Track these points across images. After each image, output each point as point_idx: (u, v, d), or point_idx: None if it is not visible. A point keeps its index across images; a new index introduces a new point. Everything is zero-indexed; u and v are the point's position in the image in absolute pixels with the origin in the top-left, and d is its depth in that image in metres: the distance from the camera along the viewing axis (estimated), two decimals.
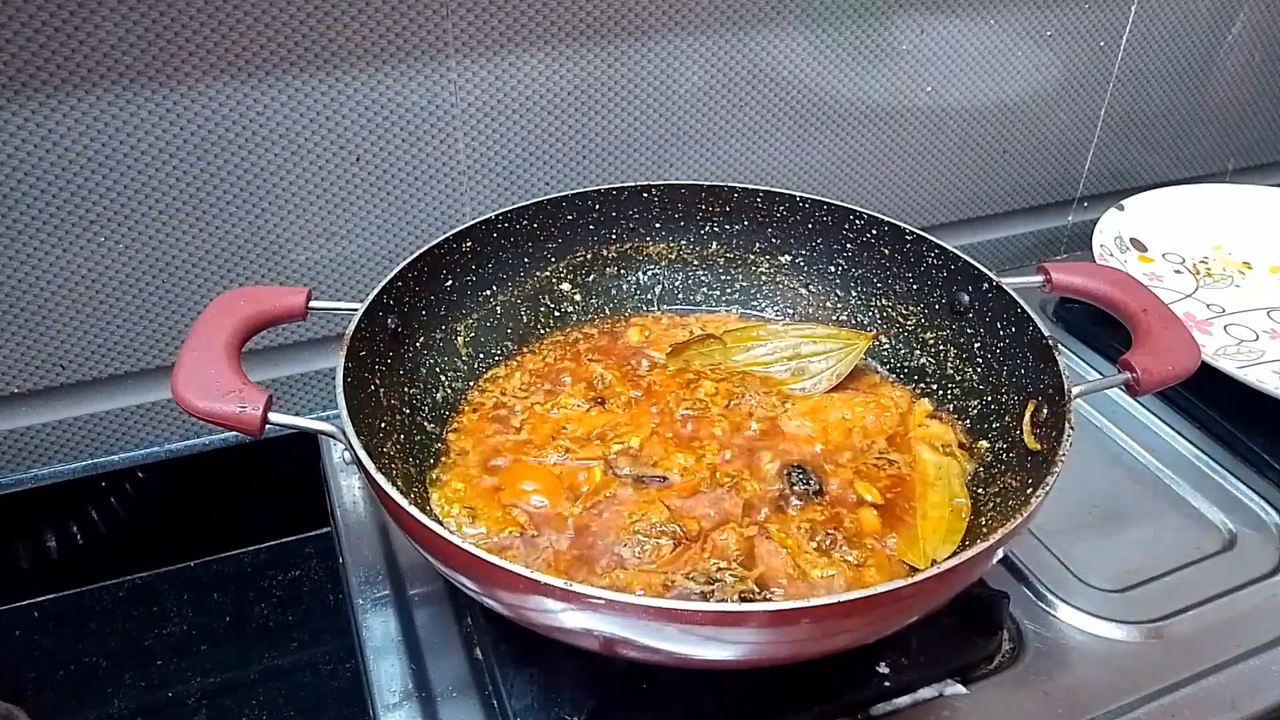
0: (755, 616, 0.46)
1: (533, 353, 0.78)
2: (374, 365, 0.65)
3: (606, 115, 0.84)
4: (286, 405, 0.86)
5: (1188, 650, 0.64)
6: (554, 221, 0.78)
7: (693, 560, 0.60)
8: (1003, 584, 0.68)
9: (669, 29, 0.82)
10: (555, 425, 0.70)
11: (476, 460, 0.68)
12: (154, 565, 0.82)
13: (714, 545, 0.60)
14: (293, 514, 0.85)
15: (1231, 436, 0.81)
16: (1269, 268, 1.03)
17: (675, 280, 0.84)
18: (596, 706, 0.57)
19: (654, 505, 0.63)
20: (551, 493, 0.65)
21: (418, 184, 0.81)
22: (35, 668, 0.74)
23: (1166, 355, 0.63)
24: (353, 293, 0.83)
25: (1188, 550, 0.73)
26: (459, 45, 0.76)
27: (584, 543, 0.61)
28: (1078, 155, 1.10)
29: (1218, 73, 1.12)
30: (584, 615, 0.47)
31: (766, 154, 0.93)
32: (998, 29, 0.96)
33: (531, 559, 0.60)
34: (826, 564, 0.60)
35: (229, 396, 0.54)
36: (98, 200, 0.71)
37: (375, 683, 0.61)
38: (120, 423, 0.80)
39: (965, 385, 0.73)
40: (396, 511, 0.51)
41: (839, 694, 0.59)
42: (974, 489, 0.66)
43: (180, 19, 0.67)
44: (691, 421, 0.71)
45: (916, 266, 0.76)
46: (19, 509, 0.77)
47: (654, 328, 0.81)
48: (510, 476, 0.66)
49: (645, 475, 0.66)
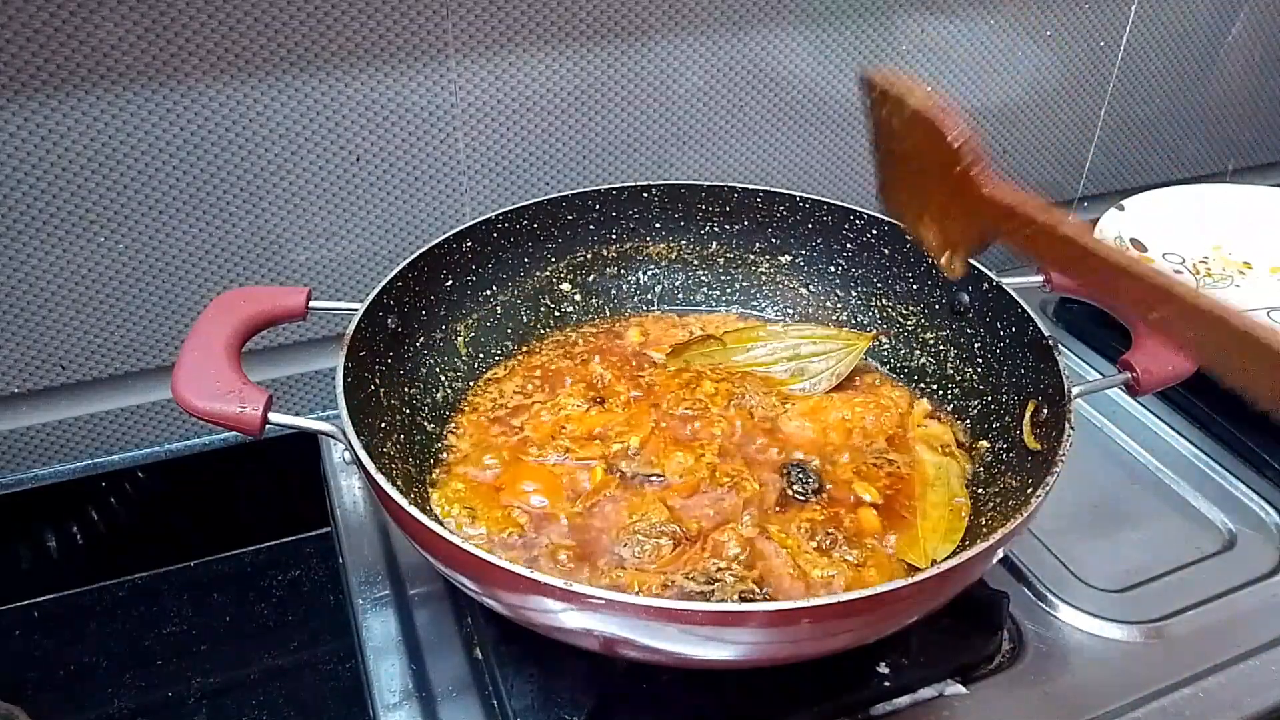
0: (755, 616, 0.46)
1: (533, 353, 0.78)
2: (374, 365, 0.65)
3: (606, 115, 0.84)
4: (286, 405, 0.86)
5: (1188, 650, 0.64)
6: (554, 221, 0.78)
7: (693, 560, 0.60)
8: (1003, 584, 0.68)
9: (669, 29, 0.82)
10: (555, 425, 0.70)
11: (476, 460, 0.68)
12: (154, 565, 0.82)
13: (714, 545, 0.60)
14: (293, 514, 0.85)
15: (1231, 436, 0.81)
16: (1269, 268, 1.03)
17: (675, 280, 0.84)
18: (596, 706, 0.57)
19: (654, 505, 0.63)
20: (551, 492, 0.65)
21: (418, 184, 0.81)
22: (35, 668, 0.74)
23: (1166, 355, 0.63)
24: (353, 293, 0.83)
25: (1188, 550, 0.73)
26: (459, 45, 0.76)
27: (584, 541, 0.61)
28: (1078, 155, 1.10)
29: (1218, 73, 1.12)
30: (584, 615, 0.47)
31: (766, 154, 0.93)
32: (998, 29, 0.96)
33: (531, 558, 0.60)
34: (826, 564, 0.60)
35: (229, 396, 0.54)
36: (98, 200, 0.71)
37: (375, 683, 0.61)
38: (120, 423, 0.80)
39: (965, 385, 0.73)
40: (396, 511, 0.51)
41: (839, 694, 0.59)
42: (974, 489, 0.66)
43: (180, 19, 0.67)
44: (691, 422, 0.71)
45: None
46: (19, 509, 0.77)
47: (654, 328, 0.81)
48: (510, 476, 0.66)
49: (645, 475, 0.66)
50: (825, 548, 0.61)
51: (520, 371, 0.76)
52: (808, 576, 0.59)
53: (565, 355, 0.78)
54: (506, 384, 0.75)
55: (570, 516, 0.63)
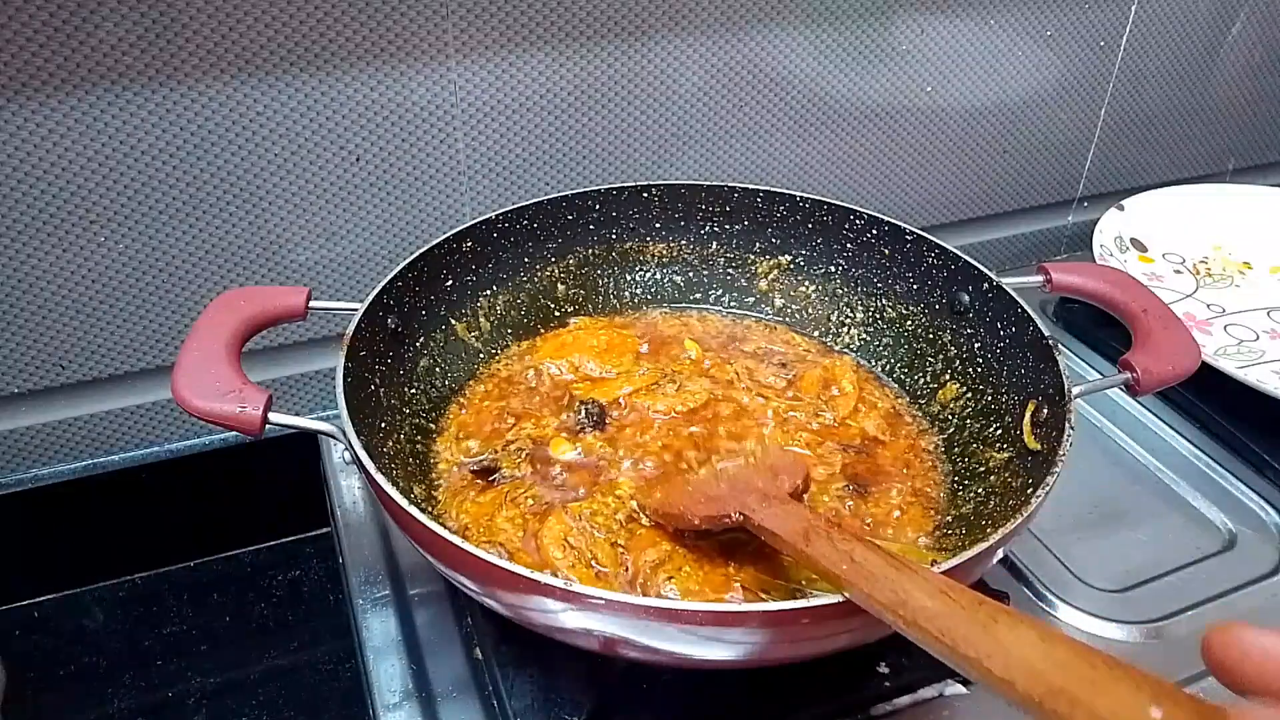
0: (755, 616, 0.46)
1: (533, 351, 0.78)
2: (374, 365, 0.65)
3: (606, 115, 0.84)
4: (286, 405, 0.86)
5: (1188, 650, 0.64)
6: (554, 221, 0.78)
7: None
8: (1003, 584, 0.68)
9: (669, 29, 0.82)
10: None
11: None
12: (154, 565, 0.82)
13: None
14: (293, 514, 0.85)
15: (1231, 436, 0.81)
16: (1269, 268, 1.03)
17: (675, 280, 0.84)
18: (596, 706, 0.57)
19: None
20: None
21: (418, 184, 0.81)
22: (35, 668, 0.74)
23: (1166, 355, 0.63)
24: (353, 293, 0.83)
25: (1188, 550, 0.73)
26: (459, 45, 0.76)
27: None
28: (1078, 155, 1.10)
29: (1218, 73, 1.12)
30: (584, 615, 0.47)
31: (766, 154, 0.93)
32: (998, 29, 0.96)
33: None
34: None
35: (229, 396, 0.54)
36: (98, 200, 0.71)
37: (375, 683, 0.61)
38: (120, 423, 0.80)
39: (966, 385, 0.73)
40: (396, 511, 0.51)
41: (839, 694, 0.59)
42: (973, 488, 0.66)
43: (180, 19, 0.67)
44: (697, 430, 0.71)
45: (916, 266, 0.76)
46: (19, 509, 0.77)
47: (654, 328, 0.81)
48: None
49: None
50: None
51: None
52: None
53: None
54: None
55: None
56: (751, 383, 0.75)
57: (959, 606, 0.39)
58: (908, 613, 0.41)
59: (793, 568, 0.58)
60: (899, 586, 0.42)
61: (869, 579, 0.44)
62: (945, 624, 0.39)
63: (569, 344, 0.77)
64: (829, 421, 0.72)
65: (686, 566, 0.58)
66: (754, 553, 0.59)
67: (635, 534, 0.61)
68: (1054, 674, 0.34)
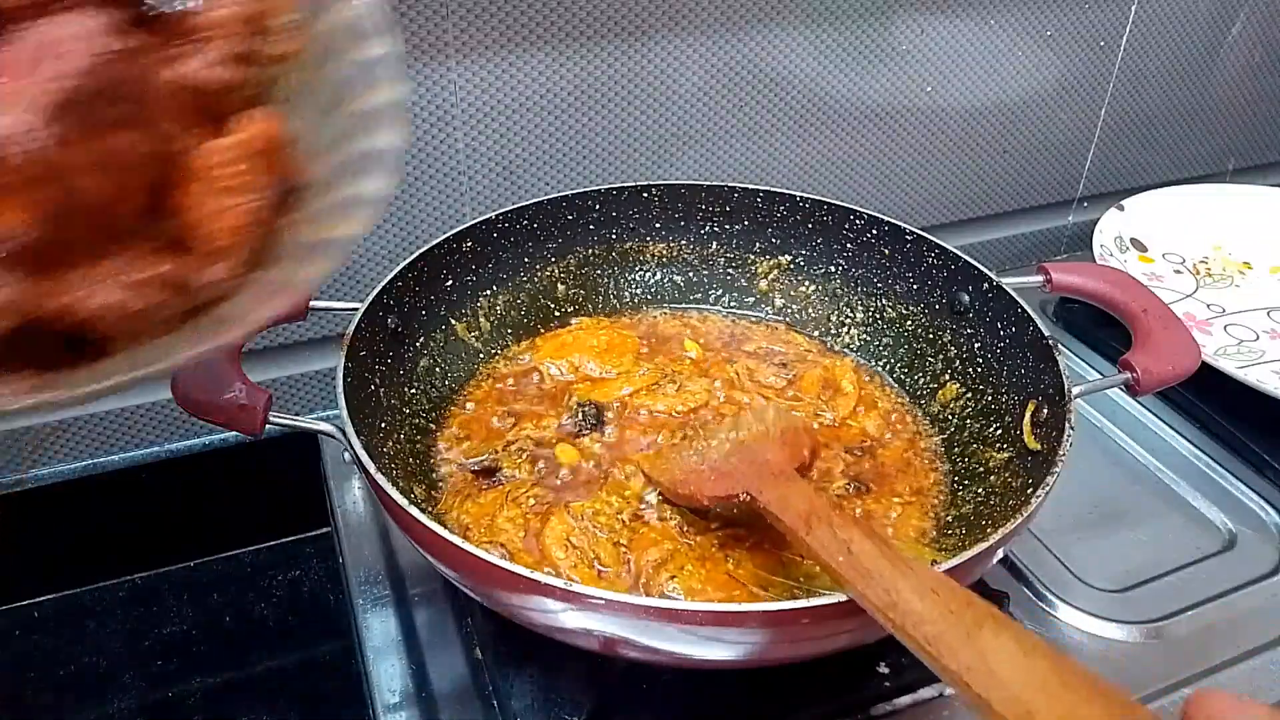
0: (755, 616, 0.46)
1: (533, 350, 0.78)
2: (374, 365, 0.65)
3: (606, 115, 0.84)
4: (286, 405, 0.86)
5: (1188, 650, 0.64)
6: (554, 221, 0.78)
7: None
8: (1003, 584, 0.68)
9: (669, 29, 0.82)
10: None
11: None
12: (154, 565, 0.82)
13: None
14: (293, 514, 0.85)
15: (1231, 436, 0.81)
16: (1269, 268, 1.03)
17: (675, 280, 0.84)
18: (596, 706, 0.57)
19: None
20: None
21: (417, 184, 0.81)
22: (35, 668, 0.74)
23: (1166, 355, 0.63)
24: (353, 293, 0.83)
25: (1188, 550, 0.73)
26: (459, 45, 0.76)
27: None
28: (1078, 155, 1.10)
29: (1218, 73, 1.12)
30: (584, 615, 0.47)
31: (766, 154, 0.93)
32: (998, 29, 0.96)
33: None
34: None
35: (229, 396, 0.54)
36: None
37: (375, 683, 0.61)
38: (120, 423, 0.80)
39: (966, 385, 0.73)
40: (397, 512, 0.51)
41: (839, 694, 0.59)
42: (973, 488, 0.66)
43: None
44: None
45: (916, 266, 0.76)
46: (19, 509, 0.77)
47: (654, 328, 0.81)
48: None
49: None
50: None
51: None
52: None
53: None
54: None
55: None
56: (752, 383, 0.75)
57: (947, 609, 0.40)
58: (897, 615, 0.41)
59: (792, 565, 0.58)
60: (891, 585, 0.43)
61: (864, 574, 0.44)
62: (931, 631, 0.40)
63: (569, 344, 0.77)
64: (829, 421, 0.72)
65: (689, 565, 0.58)
66: (752, 547, 0.59)
67: (638, 533, 0.61)
68: (1029, 695, 0.34)
